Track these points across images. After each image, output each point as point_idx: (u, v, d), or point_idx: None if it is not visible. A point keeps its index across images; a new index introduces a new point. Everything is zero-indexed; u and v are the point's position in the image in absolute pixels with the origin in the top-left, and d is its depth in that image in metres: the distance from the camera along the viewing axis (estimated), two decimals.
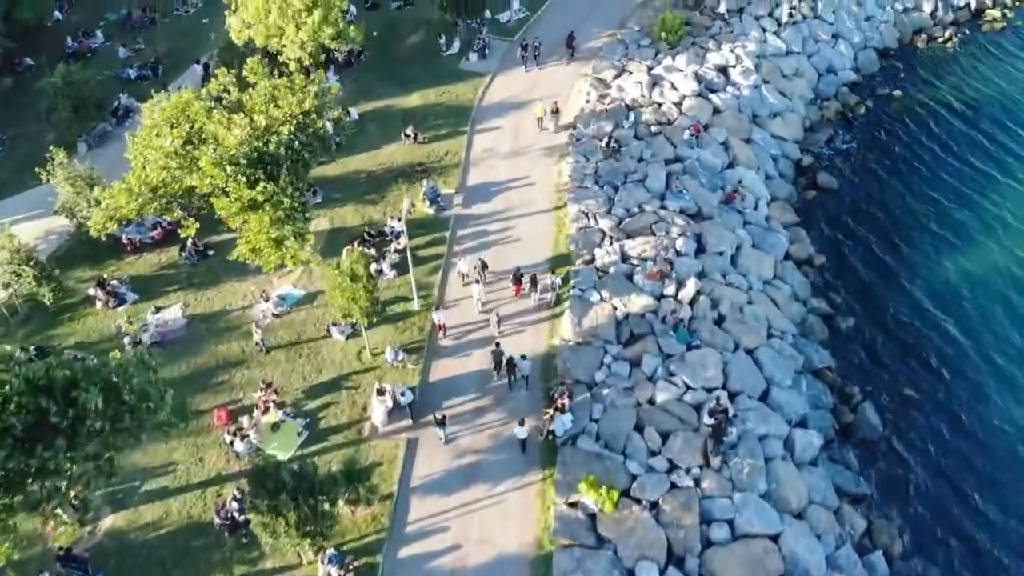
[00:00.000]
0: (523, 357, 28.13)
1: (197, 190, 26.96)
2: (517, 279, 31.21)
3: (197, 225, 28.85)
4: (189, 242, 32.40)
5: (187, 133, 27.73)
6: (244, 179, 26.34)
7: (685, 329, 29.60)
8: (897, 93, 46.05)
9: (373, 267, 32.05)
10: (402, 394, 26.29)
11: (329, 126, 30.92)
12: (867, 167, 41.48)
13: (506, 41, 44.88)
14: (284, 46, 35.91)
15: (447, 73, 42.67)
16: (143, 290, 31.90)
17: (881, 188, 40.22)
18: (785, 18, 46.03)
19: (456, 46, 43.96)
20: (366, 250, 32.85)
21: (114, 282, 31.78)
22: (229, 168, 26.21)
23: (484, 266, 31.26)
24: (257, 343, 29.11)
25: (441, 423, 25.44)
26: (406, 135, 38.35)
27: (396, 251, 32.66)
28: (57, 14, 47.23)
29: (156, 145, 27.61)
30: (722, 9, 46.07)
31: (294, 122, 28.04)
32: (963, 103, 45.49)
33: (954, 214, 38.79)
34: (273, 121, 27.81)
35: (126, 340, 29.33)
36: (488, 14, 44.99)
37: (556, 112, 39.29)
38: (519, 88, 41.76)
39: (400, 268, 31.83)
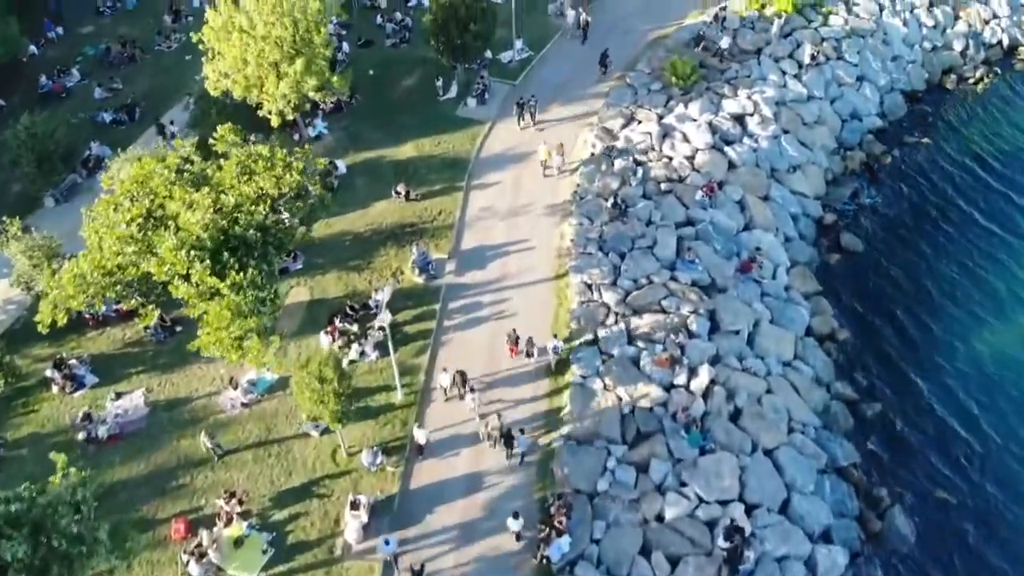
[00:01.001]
0: (521, 431, 26.08)
1: (154, 277, 24.28)
2: (514, 341, 28.99)
3: (158, 311, 26.27)
4: (155, 318, 29.66)
5: (147, 210, 25.12)
6: (210, 263, 23.83)
7: (698, 430, 26.73)
8: (926, 140, 42.80)
9: (355, 348, 29.47)
10: (386, 543, 23.15)
11: (312, 189, 28.17)
12: (895, 226, 38.33)
13: (507, 84, 41.74)
14: (264, 99, 33.13)
15: (443, 120, 39.61)
16: (104, 371, 29.22)
17: (910, 250, 37.06)
18: (807, 60, 42.76)
19: (454, 90, 40.91)
20: (348, 326, 30.31)
21: (73, 362, 29.13)
22: (192, 252, 23.67)
23: (464, 378, 27.89)
24: (210, 449, 26.15)
25: (418, 574, 22.55)
26: (397, 192, 35.50)
27: (380, 328, 29.84)
28: (32, 48, 44.55)
29: (113, 223, 25.03)
30: (724, 45, 42.82)
31: (268, 202, 25.38)
32: (997, 152, 42.28)
33: (992, 281, 35.65)
34: (244, 199, 25.14)
35: (80, 436, 26.71)
36: (489, 54, 41.90)
37: (561, 155, 36.55)
38: (519, 138, 38.66)
39: (384, 348, 29.02)
